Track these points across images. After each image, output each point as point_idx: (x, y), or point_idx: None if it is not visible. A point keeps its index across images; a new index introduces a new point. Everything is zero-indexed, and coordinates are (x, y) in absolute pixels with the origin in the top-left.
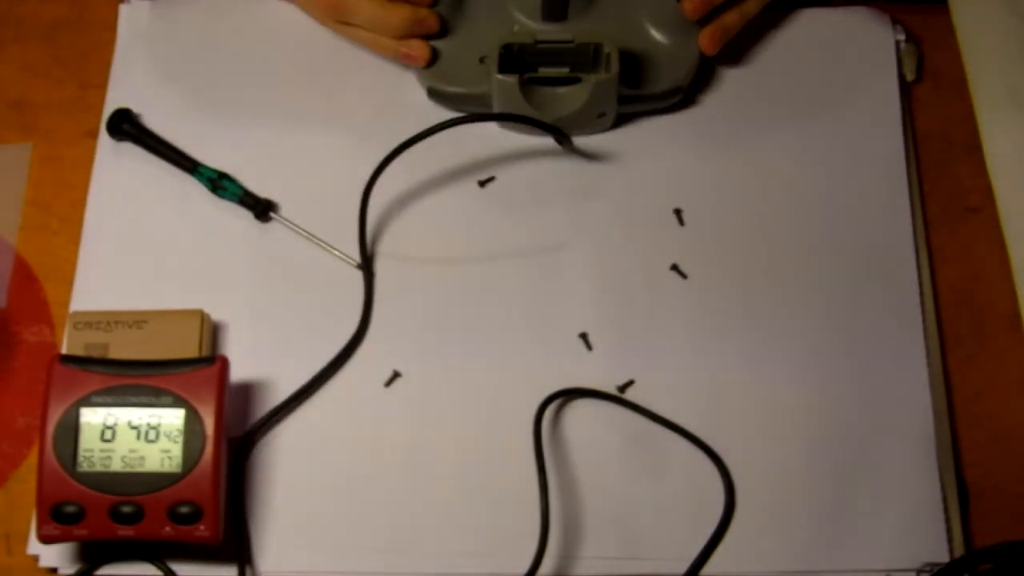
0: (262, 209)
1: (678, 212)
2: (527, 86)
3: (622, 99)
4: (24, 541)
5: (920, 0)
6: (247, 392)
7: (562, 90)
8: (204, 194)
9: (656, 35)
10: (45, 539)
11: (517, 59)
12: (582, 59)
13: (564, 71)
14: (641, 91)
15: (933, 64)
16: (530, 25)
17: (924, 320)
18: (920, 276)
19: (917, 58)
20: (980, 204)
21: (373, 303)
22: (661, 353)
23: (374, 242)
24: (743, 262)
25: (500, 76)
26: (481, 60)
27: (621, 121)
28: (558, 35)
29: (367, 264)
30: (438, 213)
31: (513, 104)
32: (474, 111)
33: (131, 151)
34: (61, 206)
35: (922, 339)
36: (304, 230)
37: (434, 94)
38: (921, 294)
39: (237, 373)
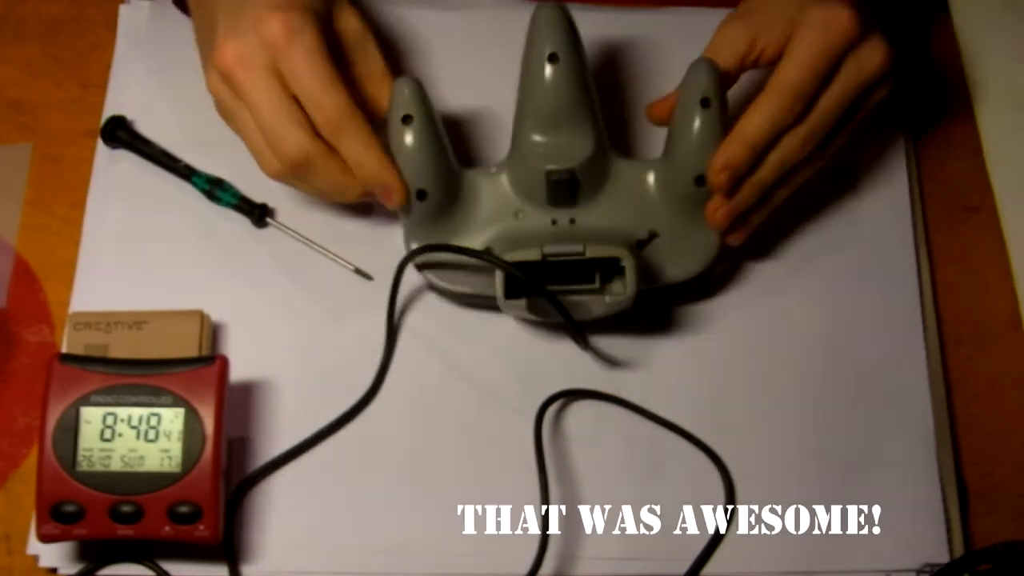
0: (258, 215)
1: None
2: (535, 301)
3: (639, 295)
4: (24, 541)
5: (920, 0)
6: (247, 392)
7: (575, 299)
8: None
9: (673, 219)
10: (45, 538)
11: (522, 278)
12: (595, 269)
13: (575, 287)
14: (658, 283)
15: (933, 65)
16: (535, 212)
17: (924, 320)
18: (920, 276)
19: (917, 58)
20: (980, 204)
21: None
22: (661, 353)
23: (376, 249)
24: (742, 264)
25: (507, 301)
26: (486, 252)
27: None
28: (566, 248)
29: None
30: None
31: (522, 318)
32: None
33: (129, 153)
34: (61, 206)
35: (922, 339)
36: (301, 235)
37: (435, 289)
38: (921, 294)
39: (237, 373)
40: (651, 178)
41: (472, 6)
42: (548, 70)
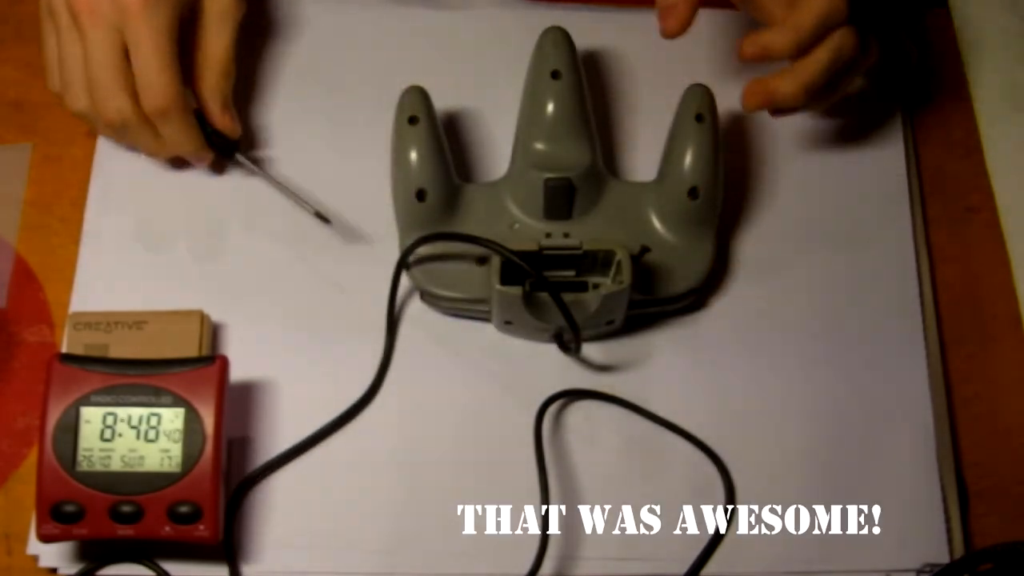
0: (228, 149)
1: None
2: (530, 293)
3: (632, 303)
4: (24, 541)
5: (920, 0)
6: (247, 392)
7: (569, 296)
8: (204, 193)
9: (666, 234)
10: (45, 538)
11: (520, 266)
12: (590, 263)
13: (570, 274)
14: (653, 295)
15: (933, 64)
16: (531, 224)
17: (924, 320)
18: (920, 276)
19: (917, 58)
20: (980, 204)
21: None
22: (660, 353)
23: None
24: (742, 264)
25: (502, 288)
26: (480, 261)
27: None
28: (564, 241)
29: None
30: None
31: (515, 314)
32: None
33: (129, 151)
34: (61, 206)
35: (922, 339)
36: (267, 174)
37: (427, 296)
38: (921, 294)
39: (237, 373)
40: (645, 198)
41: (472, 6)
42: (551, 85)
